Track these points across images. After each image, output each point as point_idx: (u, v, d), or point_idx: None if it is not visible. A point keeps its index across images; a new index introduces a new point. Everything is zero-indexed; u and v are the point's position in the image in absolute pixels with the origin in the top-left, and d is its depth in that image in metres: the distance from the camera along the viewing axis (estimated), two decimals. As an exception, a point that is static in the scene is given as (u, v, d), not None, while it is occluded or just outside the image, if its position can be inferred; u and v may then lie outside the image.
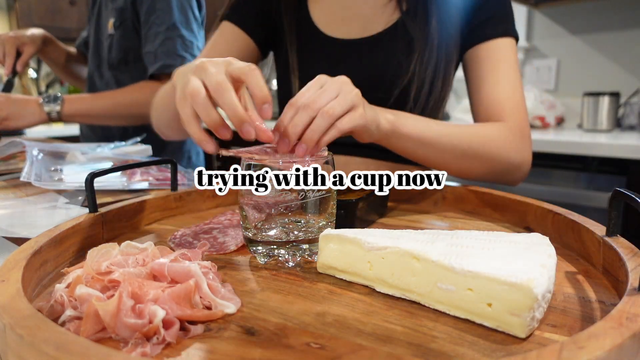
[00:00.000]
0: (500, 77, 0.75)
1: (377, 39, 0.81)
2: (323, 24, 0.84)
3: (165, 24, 1.19)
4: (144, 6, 1.21)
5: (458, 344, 0.31)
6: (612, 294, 0.38)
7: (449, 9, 0.78)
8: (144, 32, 1.22)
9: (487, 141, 0.68)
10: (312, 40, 0.84)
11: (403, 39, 0.80)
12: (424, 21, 0.78)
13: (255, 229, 0.45)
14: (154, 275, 0.37)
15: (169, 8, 1.20)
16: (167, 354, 0.30)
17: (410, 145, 0.63)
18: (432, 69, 0.78)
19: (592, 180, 1.49)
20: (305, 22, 0.85)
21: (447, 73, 0.81)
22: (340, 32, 0.83)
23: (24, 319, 0.28)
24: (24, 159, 0.89)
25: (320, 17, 0.85)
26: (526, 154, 0.73)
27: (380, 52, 0.81)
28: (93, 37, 1.39)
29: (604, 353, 0.25)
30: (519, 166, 0.72)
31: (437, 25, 0.77)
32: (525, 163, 0.73)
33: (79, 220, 0.49)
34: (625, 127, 1.81)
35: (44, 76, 3.03)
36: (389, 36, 0.80)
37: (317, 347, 0.30)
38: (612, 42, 1.93)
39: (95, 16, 1.38)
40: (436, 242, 0.38)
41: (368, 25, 0.82)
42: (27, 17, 2.69)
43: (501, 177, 0.72)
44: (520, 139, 0.72)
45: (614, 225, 0.42)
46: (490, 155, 0.68)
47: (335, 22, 0.84)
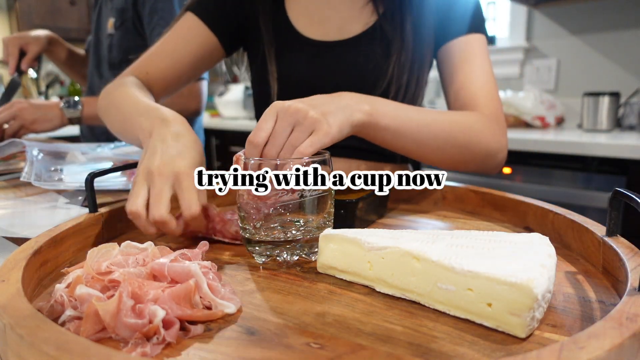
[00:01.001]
0: (473, 68, 0.76)
1: (354, 40, 0.81)
2: (300, 25, 0.84)
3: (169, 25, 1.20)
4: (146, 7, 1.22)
5: (458, 344, 0.31)
6: (612, 294, 0.38)
7: (424, 12, 0.79)
8: (148, 32, 1.23)
9: (465, 128, 0.68)
10: (289, 41, 0.84)
11: (381, 42, 0.80)
12: (399, 24, 0.79)
13: (253, 229, 0.45)
14: (154, 275, 0.37)
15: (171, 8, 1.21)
16: (167, 354, 0.30)
17: (389, 137, 0.62)
18: (407, 71, 0.79)
19: (592, 180, 1.49)
20: (283, 23, 0.84)
21: (420, 74, 0.81)
22: (317, 34, 0.83)
23: (24, 319, 0.28)
24: (24, 159, 0.89)
25: (297, 18, 0.84)
26: (503, 140, 0.73)
27: (358, 55, 0.81)
28: (93, 36, 1.39)
29: (604, 353, 0.25)
30: (496, 153, 0.72)
31: (411, 28, 0.79)
32: (502, 150, 0.73)
33: (79, 220, 0.49)
34: (625, 127, 1.81)
35: (44, 76, 3.03)
36: (366, 38, 0.81)
37: (317, 347, 0.30)
38: (612, 42, 1.93)
39: (96, 15, 1.38)
40: (436, 242, 0.38)
41: (345, 27, 0.82)
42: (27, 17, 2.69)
43: (480, 165, 0.72)
44: (496, 125, 0.72)
45: (614, 225, 0.42)
46: (470, 143, 0.68)
47: (313, 23, 0.84)
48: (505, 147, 0.74)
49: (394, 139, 0.63)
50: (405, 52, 0.79)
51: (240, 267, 0.45)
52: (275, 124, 0.49)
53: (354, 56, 0.81)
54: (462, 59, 0.77)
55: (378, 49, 0.80)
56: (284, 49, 0.84)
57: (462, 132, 0.67)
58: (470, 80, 0.75)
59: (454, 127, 0.67)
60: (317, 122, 0.49)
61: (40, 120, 1.18)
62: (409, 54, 0.79)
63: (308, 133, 0.49)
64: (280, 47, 0.84)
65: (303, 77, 0.83)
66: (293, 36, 0.84)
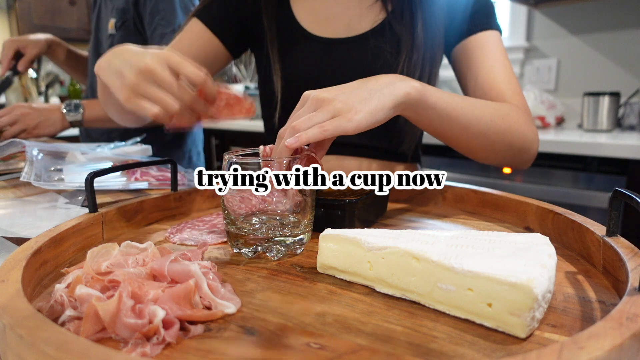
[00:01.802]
0: (494, 63, 0.76)
1: (362, 38, 0.81)
2: (307, 23, 0.84)
3: (170, 25, 1.21)
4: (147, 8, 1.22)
5: (458, 344, 0.31)
6: (612, 294, 0.38)
7: (434, 10, 0.79)
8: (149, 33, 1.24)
9: (504, 115, 0.67)
10: (295, 38, 0.84)
11: (390, 40, 0.80)
12: (410, 22, 0.78)
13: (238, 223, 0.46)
14: (153, 275, 0.37)
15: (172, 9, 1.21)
16: (167, 354, 0.30)
17: (436, 117, 0.59)
18: (419, 69, 0.78)
19: (592, 180, 1.49)
20: (288, 21, 0.84)
21: (432, 73, 0.81)
22: (324, 31, 0.83)
23: (24, 319, 0.28)
24: (24, 159, 0.89)
25: (304, 16, 0.84)
26: (536, 132, 0.73)
27: (366, 52, 0.81)
28: (93, 37, 1.39)
29: (604, 353, 0.25)
30: (530, 145, 0.72)
31: (422, 26, 0.78)
32: (535, 142, 0.73)
33: (79, 220, 0.49)
34: (626, 127, 1.81)
35: (44, 76, 3.03)
36: (375, 36, 0.80)
37: (317, 347, 0.30)
38: (612, 42, 1.93)
39: (96, 16, 1.38)
40: (436, 242, 0.38)
41: (353, 25, 0.82)
42: (27, 17, 2.69)
43: (516, 156, 0.71)
44: (528, 118, 0.72)
45: (614, 225, 0.42)
46: (509, 130, 0.67)
47: (320, 21, 0.83)
48: (537, 140, 0.73)
49: (440, 119, 0.59)
50: (416, 50, 0.78)
51: (240, 267, 0.45)
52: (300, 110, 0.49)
53: (361, 53, 0.81)
54: (482, 56, 0.77)
55: (387, 46, 0.80)
56: (289, 46, 0.84)
57: (501, 119, 0.66)
58: (494, 76, 0.75)
59: (495, 113, 0.65)
60: (341, 110, 0.48)
61: (42, 124, 1.19)
62: (420, 52, 0.78)
63: (329, 116, 0.47)
64: (285, 44, 0.84)
65: (309, 74, 0.83)
66: (299, 33, 0.83)
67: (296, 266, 0.45)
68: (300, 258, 0.47)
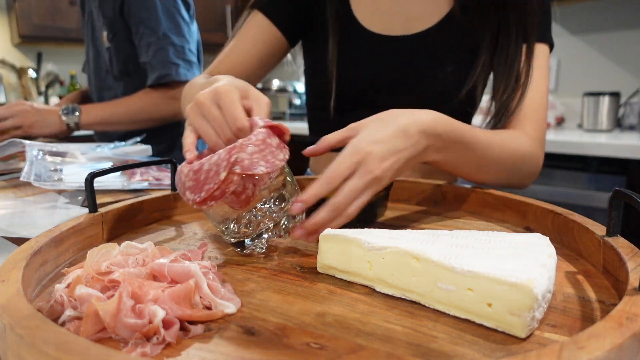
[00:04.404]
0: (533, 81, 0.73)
1: (420, 37, 0.79)
2: (364, 18, 0.82)
3: (155, 34, 1.22)
4: (131, 17, 1.23)
5: (458, 344, 0.31)
6: (612, 294, 0.38)
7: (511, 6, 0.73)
8: (137, 42, 1.26)
9: (512, 152, 0.66)
10: (351, 34, 0.82)
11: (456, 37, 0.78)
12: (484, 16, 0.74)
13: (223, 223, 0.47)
14: (154, 275, 0.37)
15: (155, 17, 1.22)
16: (167, 354, 0.30)
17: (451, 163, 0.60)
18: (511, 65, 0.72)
19: (592, 180, 1.49)
20: (346, 15, 0.83)
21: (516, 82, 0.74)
22: (381, 28, 0.82)
23: (24, 319, 0.28)
24: (24, 159, 0.88)
25: (361, 11, 0.83)
26: (540, 163, 0.73)
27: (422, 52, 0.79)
28: (92, 49, 1.39)
29: (604, 353, 0.25)
30: (532, 175, 0.72)
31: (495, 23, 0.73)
32: (538, 171, 0.73)
33: (79, 220, 0.49)
34: (625, 127, 1.81)
35: (43, 76, 3.03)
36: (433, 35, 0.79)
37: (317, 347, 0.30)
38: (612, 42, 1.93)
39: (90, 25, 1.38)
40: (436, 242, 0.38)
41: (411, 23, 0.80)
42: (27, 17, 2.69)
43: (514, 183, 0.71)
44: (539, 150, 0.72)
45: (614, 225, 0.42)
46: (514, 166, 0.68)
47: (377, 16, 0.82)
48: (540, 168, 0.73)
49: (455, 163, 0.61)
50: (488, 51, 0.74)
51: (240, 267, 0.45)
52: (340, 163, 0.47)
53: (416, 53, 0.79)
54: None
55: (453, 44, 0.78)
56: (345, 40, 0.82)
57: (510, 157, 0.66)
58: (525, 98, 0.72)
59: (504, 151, 0.65)
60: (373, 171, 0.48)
61: (39, 124, 1.19)
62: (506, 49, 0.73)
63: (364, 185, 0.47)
64: (341, 40, 0.82)
65: (364, 72, 0.82)
66: (355, 29, 0.82)
67: (296, 266, 0.45)
68: (300, 258, 0.47)
